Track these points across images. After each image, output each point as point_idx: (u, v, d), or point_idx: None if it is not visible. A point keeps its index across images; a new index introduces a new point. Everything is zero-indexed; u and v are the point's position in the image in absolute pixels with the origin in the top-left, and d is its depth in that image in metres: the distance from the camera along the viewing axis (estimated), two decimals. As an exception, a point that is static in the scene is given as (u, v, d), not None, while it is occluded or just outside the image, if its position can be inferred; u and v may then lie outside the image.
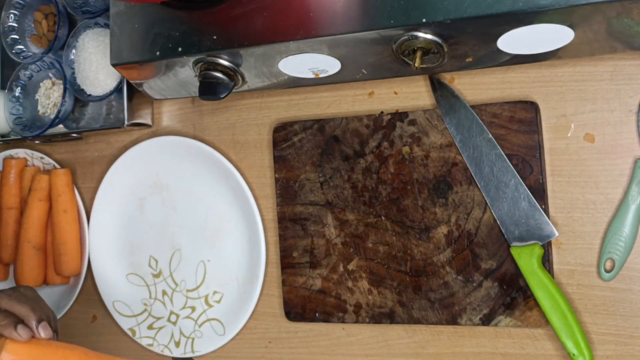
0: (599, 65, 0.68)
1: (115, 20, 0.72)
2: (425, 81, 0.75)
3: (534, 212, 0.68)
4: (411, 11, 0.59)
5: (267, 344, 0.82)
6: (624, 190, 0.67)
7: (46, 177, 0.90)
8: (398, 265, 0.74)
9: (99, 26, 0.84)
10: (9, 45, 0.90)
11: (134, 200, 0.89)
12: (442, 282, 0.72)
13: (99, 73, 0.83)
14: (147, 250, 0.88)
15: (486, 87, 0.72)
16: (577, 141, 0.69)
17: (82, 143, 0.93)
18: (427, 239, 0.73)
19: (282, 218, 0.80)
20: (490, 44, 0.62)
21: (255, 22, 0.65)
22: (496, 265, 0.70)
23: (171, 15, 0.68)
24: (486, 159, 0.70)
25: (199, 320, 0.85)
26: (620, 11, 0.55)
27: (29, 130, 0.88)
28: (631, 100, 0.67)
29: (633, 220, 0.66)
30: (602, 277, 0.67)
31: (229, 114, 0.85)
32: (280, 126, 0.80)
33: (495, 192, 0.70)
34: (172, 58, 0.68)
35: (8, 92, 0.90)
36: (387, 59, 0.66)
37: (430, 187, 0.73)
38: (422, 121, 0.73)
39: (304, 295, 0.78)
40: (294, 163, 0.79)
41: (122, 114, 0.84)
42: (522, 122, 0.69)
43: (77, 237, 0.89)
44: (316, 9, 0.62)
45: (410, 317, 0.74)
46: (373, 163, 0.75)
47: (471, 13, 0.57)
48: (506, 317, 0.70)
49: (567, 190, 0.69)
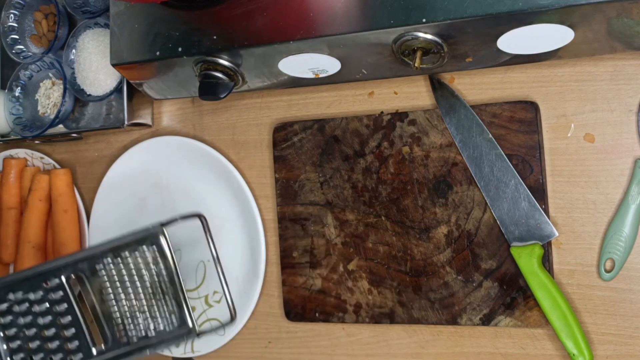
0: (599, 65, 0.68)
1: (115, 20, 0.72)
2: (425, 81, 0.75)
3: (534, 212, 0.68)
4: (411, 11, 0.59)
5: (267, 344, 0.82)
6: (624, 190, 0.67)
7: (46, 177, 0.89)
8: (398, 265, 0.74)
9: (99, 26, 0.84)
10: (9, 45, 0.90)
11: (134, 200, 0.89)
12: (442, 282, 0.72)
13: (99, 73, 0.83)
14: (147, 251, 0.88)
15: (486, 87, 0.72)
16: (577, 141, 0.69)
17: (82, 143, 0.93)
18: (427, 239, 0.73)
19: (282, 218, 0.80)
20: (490, 44, 0.62)
21: (255, 22, 0.65)
22: (496, 265, 0.70)
23: (171, 15, 0.68)
24: (486, 159, 0.70)
25: (199, 320, 0.85)
26: (620, 11, 0.55)
27: (29, 130, 0.88)
28: (631, 100, 0.67)
29: (633, 220, 0.66)
30: (602, 277, 0.67)
31: (229, 114, 0.85)
32: (280, 126, 0.80)
33: (495, 192, 0.70)
34: (172, 58, 0.69)
35: (8, 92, 0.90)
36: (387, 59, 0.66)
37: (430, 187, 0.73)
38: (422, 121, 0.73)
39: (304, 295, 0.78)
40: (294, 163, 0.79)
41: (122, 114, 0.84)
42: (522, 122, 0.69)
43: (77, 237, 0.89)
44: (316, 9, 0.62)
45: (410, 317, 0.74)
46: (373, 163, 0.75)
47: (471, 13, 0.57)
48: (506, 317, 0.70)
49: (567, 190, 0.69)
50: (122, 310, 0.67)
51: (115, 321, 0.66)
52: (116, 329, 0.66)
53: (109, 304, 0.66)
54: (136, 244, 0.66)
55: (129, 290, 0.66)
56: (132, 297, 0.66)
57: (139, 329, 0.67)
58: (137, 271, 0.66)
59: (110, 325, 0.66)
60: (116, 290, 0.67)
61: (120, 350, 0.66)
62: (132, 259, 0.66)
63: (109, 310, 0.66)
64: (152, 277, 0.66)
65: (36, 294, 0.66)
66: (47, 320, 0.66)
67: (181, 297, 0.66)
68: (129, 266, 0.66)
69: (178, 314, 0.67)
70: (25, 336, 0.66)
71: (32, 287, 0.66)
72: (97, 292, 0.66)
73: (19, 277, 0.66)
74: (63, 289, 0.66)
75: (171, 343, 0.67)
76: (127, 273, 0.66)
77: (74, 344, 0.66)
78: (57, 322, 0.66)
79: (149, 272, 0.66)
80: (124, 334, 0.66)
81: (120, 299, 0.66)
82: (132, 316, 0.67)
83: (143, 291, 0.67)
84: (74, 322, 0.66)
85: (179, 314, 0.67)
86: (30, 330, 0.66)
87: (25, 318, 0.66)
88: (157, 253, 0.66)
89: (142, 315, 0.67)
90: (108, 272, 0.66)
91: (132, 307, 0.67)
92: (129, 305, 0.67)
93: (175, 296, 0.67)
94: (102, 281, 0.66)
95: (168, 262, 0.65)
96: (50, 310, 0.66)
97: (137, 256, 0.66)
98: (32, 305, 0.66)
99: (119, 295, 0.66)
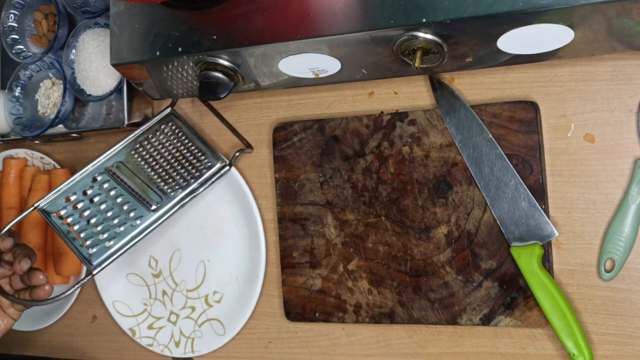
0: (599, 65, 0.68)
1: (115, 20, 0.72)
2: (425, 81, 0.75)
3: (534, 212, 0.68)
4: (411, 11, 0.59)
5: (267, 344, 0.82)
6: (624, 190, 0.67)
7: (46, 177, 0.90)
8: (398, 265, 0.74)
9: (99, 26, 0.84)
10: (9, 45, 0.90)
11: (134, 200, 0.89)
12: (442, 282, 0.72)
13: (99, 73, 0.83)
14: (147, 250, 0.88)
15: (486, 87, 0.72)
16: (577, 141, 0.69)
17: (82, 143, 0.93)
18: (427, 239, 0.73)
19: (282, 218, 0.80)
20: (490, 44, 0.62)
21: (255, 22, 0.65)
22: (496, 265, 0.70)
23: (171, 15, 0.68)
24: (486, 159, 0.70)
25: (199, 320, 0.85)
26: (620, 11, 0.55)
27: (29, 130, 0.88)
28: (631, 100, 0.67)
29: (633, 220, 0.66)
30: (602, 277, 0.67)
31: (229, 114, 0.85)
32: (280, 126, 0.80)
33: (495, 192, 0.70)
34: (172, 58, 0.69)
35: (8, 92, 0.90)
36: (387, 59, 0.66)
37: (430, 187, 0.73)
38: (422, 121, 0.73)
39: (304, 295, 0.78)
40: (294, 163, 0.79)
41: (122, 114, 0.84)
42: (522, 122, 0.69)
43: (77, 237, 0.89)
44: (316, 9, 0.62)
45: (410, 317, 0.74)
46: (373, 163, 0.75)
47: (471, 13, 0.57)
48: (506, 317, 0.70)
49: (567, 190, 0.69)
50: (159, 174, 0.81)
51: (157, 184, 0.80)
52: (161, 189, 0.80)
53: (147, 173, 0.81)
54: (156, 126, 0.82)
55: (160, 159, 0.82)
56: (164, 162, 0.81)
57: (180, 182, 0.80)
58: (162, 144, 0.82)
59: (156, 188, 0.80)
60: (149, 162, 0.81)
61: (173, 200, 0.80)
62: (156, 137, 0.82)
63: (150, 178, 0.80)
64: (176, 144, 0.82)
65: (91, 189, 0.79)
66: (107, 206, 0.79)
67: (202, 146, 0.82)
68: (155, 143, 0.82)
69: (207, 158, 0.81)
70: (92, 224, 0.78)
71: (85, 185, 0.80)
72: (136, 170, 0.80)
73: (72, 182, 0.79)
74: (108, 178, 0.80)
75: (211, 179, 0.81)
76: (154, 148, 0.82)
77: (134, 212, 0.79)
78: (114, 204, 0.79)
79: (172, 141, 0.82)
80: (169, 189, 0.80)
81: (155, 167, 0.81)
82: (170, 175, 0.81)
83: (173, 155, 0.81)
84: (127, 198, 0.79)
85: (208, 158, 0.81)
86: (95, 218, 0.78)
87: (87, 211, 0.78)
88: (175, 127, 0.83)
89: (178, 172, 0.81)
90: (139, 152, 0.81)
91: (167, 169, 0.81)
92: (164, 168, 0.81)
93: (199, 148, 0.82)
94: (137, 160, 0.81)
95: (184, 130, 0.83)
96: (105, 198, 0.79)
97: (159, 135, 0.82)
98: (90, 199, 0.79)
99: (152, 165, 0.81)
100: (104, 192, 0.79)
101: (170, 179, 0.80)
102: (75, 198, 0.79)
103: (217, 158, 0.81)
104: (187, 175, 0.80)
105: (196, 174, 0.80)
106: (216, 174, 0.81)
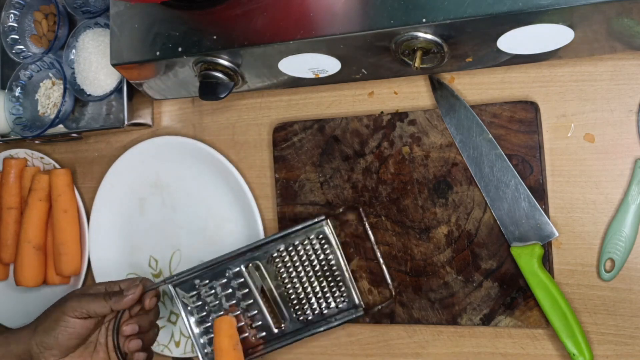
0: (599, 65, 0.68)
1: (115, 20, 0.72)
2: (425, 81, 0.75)
3: (534, 212, 0.68)
4: (411, 11, 0.59)
5: (267, 344, 0.82)
6: (624, 190, 0.67)
7: (46, 177, 0.89)
8: (398, 265, 0.74)
9: (99, 26, 0.84)
10: (9, 45, 0.90)
11: (134, 200, 0.89)
12: (442, 282, 0.72)
13: (99, 73, 0.83)
14: (147, 250, 0.88)
15: (486, 87, 0.72)
16: (577, 141, 0.69)
17: (82, 143, 0.93)
18: (427, 239, 0.73)
19: (282, 218, 0.80)
20: (490, 44, 0.62)
21: (255, 22, 0.65)
22: (496, 265, 0.70)
23: (171, 15, 0.68)
24: (486, 159, 0.70)
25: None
26: (620, 11, 0.55)
27: (29, 130, 0.88)
28: (631, 100, 0.67)
29: (633, 220, 0.66)
30: (602, 277, 0.67)
31: (229, 114, 0.85)
32: (280, 126, 0.80)
33: (495, 192, 0.70)
34: (172, 58, 0.69)
35: (8, 92, 0.90)
36: (387, 59, 0.66)
37: (430, 187, 0.73)
38: (422, 121, 0.73)
39: (304, 295, 0.78)
40: (294, 163, 0.79)
41: (122, 114, 0.84)
42: (522, 122, 0.69)
43: (77, 237, 0.89)
44: (316, 9, 0.62)
45: (410, 317, 0.74)
46: (373, 163, 0.75)
47: (471, 13, 0.57)
48: (506, 317, 0.70)
49: (567, 190, 0.69)
50: (297, 292, 0.75)
51: (291, 302, 0.75)
52: (293, 309, 0.75)
53: (284, 287, 0.75)
54: (304, 234, 0.74)
55: (302, 275, 0.75)
56: (305, 281, 0.75)
57: (313, 308, 0.75)
58: (307, 257, 0.75)
59: (287, 306, 0.75)
60: (290, 275, 0.75)
61: (298, 327, 0.75)
62: (302, 247, 0.75)
63: (284, 293, 0.75)
64: (320, 262, 0.75)
65: (220, 280, 0.75)
66: (231, 303, 0.75)
67: (347, 278, 0.74)
68: (300, 253, 0.75)
69: (346, 293, 0.74)
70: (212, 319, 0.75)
71: (216, 275, 0.75)
72: (273, 278, 0.75)
73: (205, 266, 0.74)
74: (243, 275, 0.75)
75: (342, 319, 0.74)
76: (298, 259, 0.75)
77: (256, 324, 0.75)
78: (239, 305, 0.75)
79: (318, 258, 0.75)
80: (300, 313, 0.75)
81: (294, 283, 0.75)
82: (306, 298, 0.75)
83: (314, 275, 0.75)
84: (254, 305, 0.75)
85: (347, 293, 0.74)
86: (217, 313, 0.75)
87: (211, 302, 0.75)
88: (324, 241, 0.75)
89: (315, 296, 0.75)
90: (282, 259, 0.75)
91: (306, 290, 0.75)
92: (303, 288, 0.75)
93: (342, 278, 0.74)
94: (277, 268, 0.75)
95: (333, 248, 0.74)
96: (232, 294, 0.75)
97: (306, 245, 0.75)
98: (216, 291, 0.75)
99: (292, 280, 0.75)
100: (233, 289, 0.75)
101: (305, 303, 0.75)
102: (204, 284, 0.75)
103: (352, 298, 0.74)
104: (322, 305, 0.75)
105: (331, 305, 0.75)
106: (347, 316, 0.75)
